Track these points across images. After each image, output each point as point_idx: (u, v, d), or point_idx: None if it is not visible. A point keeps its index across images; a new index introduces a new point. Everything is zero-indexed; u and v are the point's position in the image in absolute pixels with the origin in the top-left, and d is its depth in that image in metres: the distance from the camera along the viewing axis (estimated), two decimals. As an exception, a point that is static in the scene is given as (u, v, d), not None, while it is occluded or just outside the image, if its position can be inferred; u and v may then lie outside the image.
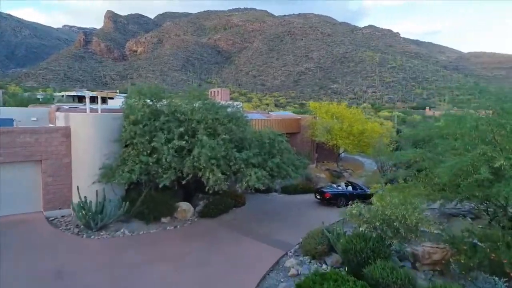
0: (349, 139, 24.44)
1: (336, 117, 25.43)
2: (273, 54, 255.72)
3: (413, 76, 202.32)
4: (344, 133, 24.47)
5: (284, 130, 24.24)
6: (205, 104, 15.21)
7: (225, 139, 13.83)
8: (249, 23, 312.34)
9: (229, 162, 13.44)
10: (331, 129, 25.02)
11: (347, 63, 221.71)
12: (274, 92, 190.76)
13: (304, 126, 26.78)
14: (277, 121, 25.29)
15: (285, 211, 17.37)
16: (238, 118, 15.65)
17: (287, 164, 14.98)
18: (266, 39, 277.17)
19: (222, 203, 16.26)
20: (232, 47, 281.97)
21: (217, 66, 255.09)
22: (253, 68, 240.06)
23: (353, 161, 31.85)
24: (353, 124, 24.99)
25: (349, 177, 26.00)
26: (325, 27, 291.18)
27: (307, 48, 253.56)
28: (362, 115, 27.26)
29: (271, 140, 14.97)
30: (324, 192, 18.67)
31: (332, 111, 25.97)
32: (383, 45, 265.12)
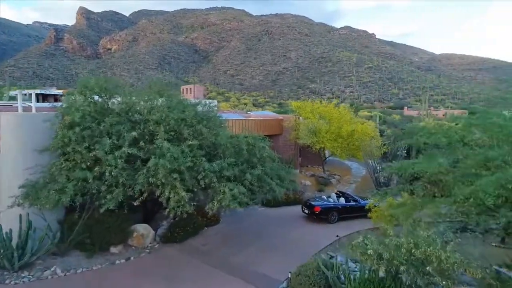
0: (337, 141, 21.82)
1: (323, 117, 22.78)
2: (251, 53, 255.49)
3: (389, 77, 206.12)
4: (332, 135, 21.83)
5: (265, 132, 21.44)
6: (168, 101, 12.12)
7: (192, 145, 10.80)
8: (227, 22, 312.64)
9: (197, 175, 10.41)
10: (317, 130, 22.34)
11: (325, 63, 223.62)
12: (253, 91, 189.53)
13: (287, 128, 24.00)
14: (257, 122, 22.39)
15: (268, 229, 14.42)
16: (211, 118, 12.60)
17: (270, 176, 12.04)
18: (244, 38, 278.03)
19: (191, 224, 13.13)
20: (210, 46, 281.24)
21: (194, 65, 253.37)
22: (231, 67, 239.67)
23: (339, 165, 29.36)
24: (342, 125, 22.40)
25: (337, 183, 23.39)
26: (302, 27, 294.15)
27: (285, 48, 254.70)
28: (350, 115, 24.74)
29: (250, 146, 11.99)
30: (313, 205, 15.84)
31: (319, 111, 23.28)
32: (359, 45, 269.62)
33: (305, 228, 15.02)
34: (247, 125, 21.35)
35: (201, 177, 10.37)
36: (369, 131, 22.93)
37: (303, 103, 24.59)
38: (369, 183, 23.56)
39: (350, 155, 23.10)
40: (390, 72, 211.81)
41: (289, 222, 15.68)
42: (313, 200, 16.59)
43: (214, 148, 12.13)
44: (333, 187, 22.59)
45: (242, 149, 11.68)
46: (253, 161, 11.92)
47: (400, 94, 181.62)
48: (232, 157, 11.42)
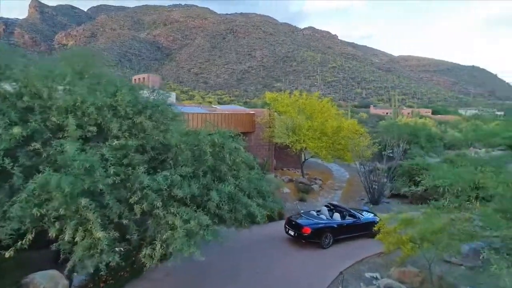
0: (321, 140, 18.15)
1: (303, 112, 19.04)
2: (216, 51, 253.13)
3: (352, 76, 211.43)
4: (315, 133, 18.12)
5: (235, 130, 17.51)
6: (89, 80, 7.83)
7: (126, 146, 6.62)
8: (191, 19, 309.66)
9: (130, 196, 6.23)
10: (297, 127, 18.60)
11: (290, 62, 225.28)
12: (217, 90, 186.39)
13: (260, 124, 20.05)
14: (224, 117, 18.28)
15: (242, 263, 10.34)
16: (158, 107, 8.29)
17: (247, 192, 7.98)
18: (208, 36, 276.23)
19: (128, 263, 8.77)
20: (173, 43, 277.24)
21: (156, 62, 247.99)
22: (195, 66, 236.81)
23: (318, 167, 25.84)
24: (326, 120, 18.77)
25: (319, 190, 19.73)
26: (267, 27, 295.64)
27: (250, 47, 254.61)
28: (335, 109, 21.17)
29: (217, 147, 7.84)
30: (301, 225, 11.90)
31: (298, 104, 19.48)
32: (322, 46, 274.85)
33: (293, 258, 11.08)
34: (213, 120, 17.20)
35: (136, 199, 6.18)
36: (357, 127, 19.49)
37: (279, 95, 20.69)
38: (357, 188, 20.13)
39: (336, 156, 19.57)
40: (353, 72, 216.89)
41: (270, 249, 11.67)
42: (300, 217, 12.63)
43: (165, 150, 7.91)
44: (316, 194, 18.93)
45: (204, 152, 7.49)
46: (221, 170, 7.79)
47: (363, 94, 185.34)
48: (189, 165, 7.26)
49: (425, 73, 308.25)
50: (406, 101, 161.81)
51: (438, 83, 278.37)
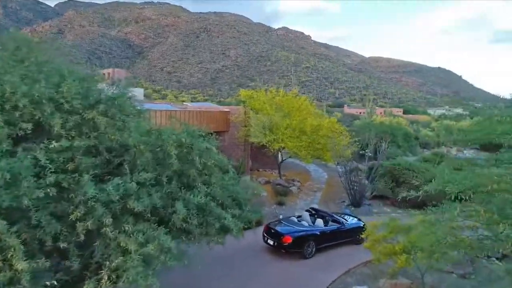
0: (301, 140, 17.11)
1: (281, 109, 17.93)
2: (189, 50, 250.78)
3: (326, 76, 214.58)
4: (294, 132, 17.05)
5: (207, 128, 16.19)
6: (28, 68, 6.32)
7: (72, 147, 5.24)
8: (163, 17, 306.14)
9: (72, 211, 4.85)
10: (275, 126, 17.50)
11: (264, 62, 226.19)
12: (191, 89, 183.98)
13: (234, 123, 18.79)
14: (196, 115, 16.90)
15: (209, 281, 9.04)
16: (114, 102, 6.81)
17: (221, 201, 6.72)
18: (181, 35, 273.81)
19: None
20: (145, 41, 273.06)
21: (128, 61, 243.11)
22: (168, 64, 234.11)
23: (295, 167, 24.87)
24: (305, 118, 17.74)
25: (298, 192, 18.70)
26: (241, 26, 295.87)
27: (224, 46, 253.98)
28: (314, 107, 20.21)
29: (185, 147, 6.50)
30: (281, 233, 10.76)
31: (275, 101, 18.34)
32: (296, 46, 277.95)
33: (272, 272, 9.92)
34: (183, 118, 15.78)
35: (79, 215, 4.81)
36: (337, 125, 18.61)
37: (255, 92, 19.46)
38: (337, 190, 19.27)
39: (315, 156, 18.61)
40: (326, 72, 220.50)
41: (246, 261, 10.44)
42: (279, 224, 11.49)
43: (122, 152, 6.51)
44: (294, 197, 17.89)
45: (169, 154, 6.15)
46: (190, 175, 6.48)
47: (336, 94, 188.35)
48: (150, 170, 5.92)
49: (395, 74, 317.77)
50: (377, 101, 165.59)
51: (407, 83, 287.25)
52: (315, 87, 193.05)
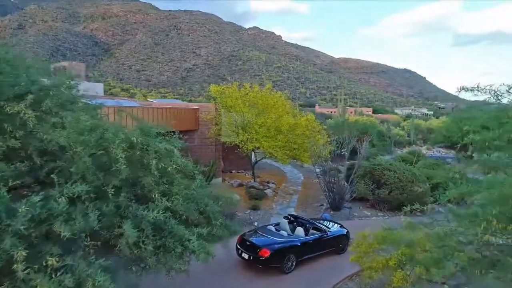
0: (277, 139, 15.89)
1: (254, 107, 16.62)
2: (159, 48, 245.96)
3: (297, 76, 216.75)
4: (270, 131, 15.80)
5: (175, 127, 14.71)
6: None
7: None
8: (131, 14, 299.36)
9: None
10: (248, 125, 16.22)
11: (235, 61, 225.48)
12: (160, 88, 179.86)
13: (205, 121, 17.31)
14: (162, 112, 15.28)
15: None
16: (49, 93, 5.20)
17: (185, 216, 5.32)
18: (150, 32, 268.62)
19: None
20: (112, 38, 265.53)
21: (94, 58, 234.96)
22: (137, 62, 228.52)
23: (269, 168, 23.72)
24: (282, 115, 16.52)
25: (274, 196, 17.45)
26: (212, 25, 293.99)
27: (195, 45, 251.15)
28: (289, 104, 18.99)
29: (138, 149, 5.04)
30: (257, 246, 9.45)
31: (249, 97, 16.97)
32: (267, 46, 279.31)
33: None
34: (146, 116, 14.18)
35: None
36: (315, 124, 17.55)
37: (226, 87, 18.02)
38: (314, 192, 18.22)
39: (291, 157, 17.46)
40: (297, 72, 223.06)
41: (215, 280, 9.05)
42: (255, 235, 10.15)
43: (56, 157, 4.97)
44: (269, 201, 16.65)
45: (115, 158, 4.69)
46: (144, 184, 5.04)
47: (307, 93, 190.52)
48: (89, 179, 4.45)
49: (363, 74, 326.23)
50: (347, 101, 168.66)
51: (375, 84, 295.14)
52: (287, 86, 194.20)
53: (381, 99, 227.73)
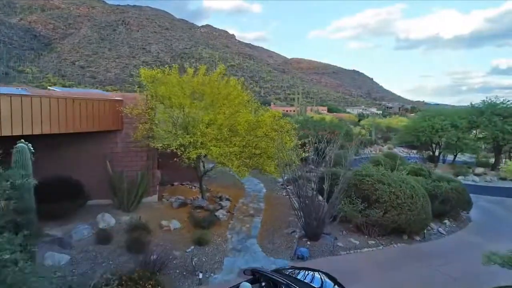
0: (230, 143, 11.30)
1: (199, 97, 11.90)
2: (105, 43, 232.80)
3: (251, 75, 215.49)
4: (222, 132, 11.15)
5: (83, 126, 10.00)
6: None
7: None
8: (75, 6, 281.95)
9: None
10: (192, 124, 11.60)
11: (188, 59, 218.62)
12: (107, 85, 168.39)
13: (132, 117, 12.31)
14: (64, 105, 10.10)
15: None
16: None
17: None
18: (96, 27, 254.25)
19: None
20: (53, 32, 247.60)
21: (32, 52, 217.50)
22: (81, 58, 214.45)
23: (221, 178, 19.10)
24: (238, 111, 11.94)
25: (228, 220, 12.80)
26: (163, 21, 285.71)
27: (144, 41, 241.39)
28: (248, 95, 14.18)
29: None
30: None
31: (193, 84, 12.06)
32: (220, 44, 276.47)
33: None
34: (37, 108, 9.13)
35: None
36: (282, 122, 13.19)
37: (161, 71, 12.78)
38: (281, 212, 13.91)
39: (253, 167, 12.94)
40: (251, 71, 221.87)
41: None
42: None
43: None
44: (222, 227, 12.05)
45: None
46: None
47: (261, 92, 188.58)
48: None
49: (315, 75, 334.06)
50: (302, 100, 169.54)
51: (326, 84, 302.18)
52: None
53: (333, 98, 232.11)
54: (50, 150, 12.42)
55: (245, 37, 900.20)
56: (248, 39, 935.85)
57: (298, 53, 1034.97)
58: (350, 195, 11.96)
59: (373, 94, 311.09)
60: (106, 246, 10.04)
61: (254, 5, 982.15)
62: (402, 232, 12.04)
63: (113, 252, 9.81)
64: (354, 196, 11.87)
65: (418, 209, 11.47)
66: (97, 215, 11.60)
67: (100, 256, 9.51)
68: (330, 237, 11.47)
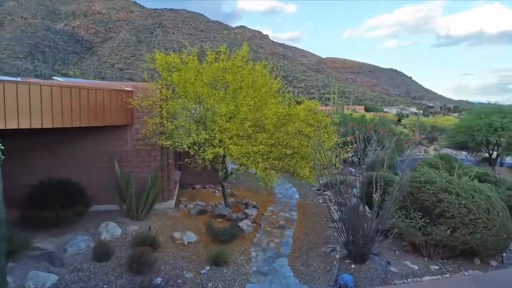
0: (256, 140, 9.25)
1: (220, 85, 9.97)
2: (143, 46, 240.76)
3: (284, 75, 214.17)
4: (244, 127, 9.08)
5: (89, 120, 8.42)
6: None
7: None
8: (114, 11, 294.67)
9: None
10: (209, 117, 9.71)
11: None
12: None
13: (143, 110, 10.60)
14: (65, 94, 8.58)
15: None
16: None
17: None
18: (134, 30, 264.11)
19: None
20: (95, 36, 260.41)
21: (76, 56, 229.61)
22: (120, 60, 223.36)
23: (247, 180, 17.07)
24: (265, 102, 9.83)
25: (254, 233, 10.71)
26: (198, 23, 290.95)
27: (180, 43, 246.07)
28: (278, 82, 11.86)
29: None
30: None
31: (213, 70, 10.02)
32: (254, 45, 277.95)
33: None
34: (36, 97, 7.60)
35: None
36: (320, 116, 10.92)
37: (177, 56, 10.78)
38: (319, 223, 11.69)
39: (283, 170, 10.82)
40: (285, 71, 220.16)
41: None
42: None
43: None
44: (246, 242, 10.02)
45: None
46: None
47: (295, 92, 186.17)
48: None
49: (350, 74, 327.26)
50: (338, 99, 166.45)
51: (362, 83, 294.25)
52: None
53: (369, 98, 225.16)
54: (47, 148, 10.97)
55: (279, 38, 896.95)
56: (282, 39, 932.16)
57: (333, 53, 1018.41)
58: (405, 206, 9.52)
59: (412, 93, 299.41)
60: (103, 264, 8.31)
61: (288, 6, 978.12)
62: (473, 254, 9.43)
63: (111, 272, 8.04)
64: (411, 208, 9.42)
65: (496, 226, 8.84)
66: (101, 223, 9.97)
67: (94, 277, 7.76)
68: (380, 259, 9.10)
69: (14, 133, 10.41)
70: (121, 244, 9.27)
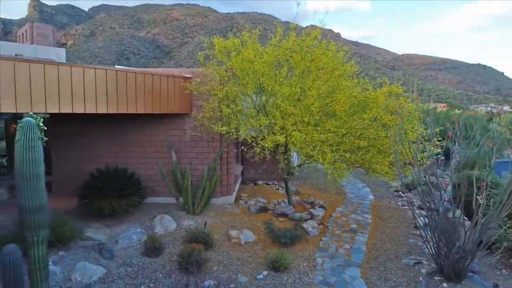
0: (323, 129, 7.95)
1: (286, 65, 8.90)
2: None
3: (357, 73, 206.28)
4: (312, 112, 7.80)
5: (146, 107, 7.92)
6: None
7: None
8: (190, 17, 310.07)
9: None
10: (271, 103, 8.67)
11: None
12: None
13: (201, 96, 9.89)
14: (119, 79, 8.23)
15: None
16: None
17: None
18: (208, 34, 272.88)
19: None
20: (172, 41, 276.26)
21: (156, 61, 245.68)
22: (194, 64, 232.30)
23: (314, 176, 15.64)
24: (338, 84, 8.48)
25: (320, 237, 9.28)
26: (268, 24, 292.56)
27: None
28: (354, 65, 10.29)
29: None
30: None
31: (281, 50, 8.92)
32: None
33: None
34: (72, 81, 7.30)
35: None
36: (402, 102, 9.18)
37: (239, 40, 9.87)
38: (398, 229, 9.96)
39: (357, 164, 9.31)
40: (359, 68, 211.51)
41: None
42: None
43: None
44: (310, 246, 8.74)
45: None
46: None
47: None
48: None
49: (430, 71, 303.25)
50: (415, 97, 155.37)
51: (444, 81, 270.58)
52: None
53: (452, 96, 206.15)
54: (107, 136, 10.82)
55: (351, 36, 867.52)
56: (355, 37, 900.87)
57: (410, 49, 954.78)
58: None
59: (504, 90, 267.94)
60: (153, 260, 7.68)
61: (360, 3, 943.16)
62: None
63: (160, 269, 7.37)
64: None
65: None
66: (156, 216, 9.46)
67: (142, 274, 7.13)
68: (482, 280, 7.15)
69: (75, 119, 10.40)
70: (174, 239, 8.62)
